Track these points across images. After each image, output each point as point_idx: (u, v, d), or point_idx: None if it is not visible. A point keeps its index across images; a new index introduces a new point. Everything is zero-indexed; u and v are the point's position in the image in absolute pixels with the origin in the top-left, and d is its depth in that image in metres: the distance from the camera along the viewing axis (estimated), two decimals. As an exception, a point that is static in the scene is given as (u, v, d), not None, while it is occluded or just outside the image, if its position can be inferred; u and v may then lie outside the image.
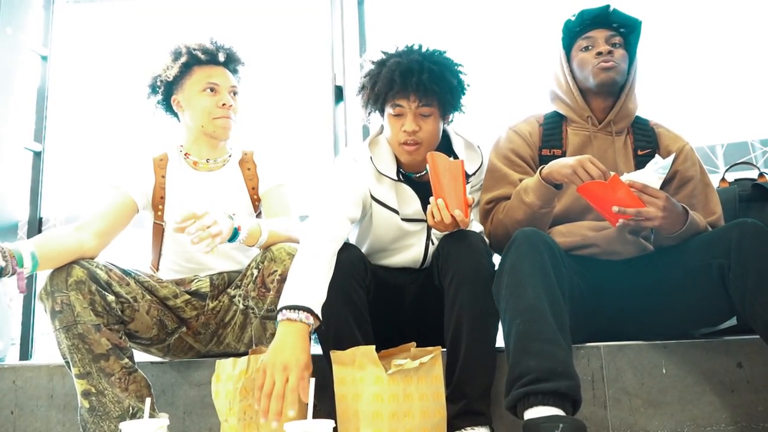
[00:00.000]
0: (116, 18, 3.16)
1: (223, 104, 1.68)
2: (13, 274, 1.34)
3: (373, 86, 1.55)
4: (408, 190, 1.62)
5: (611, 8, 1.59)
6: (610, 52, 1.57)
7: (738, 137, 2.20)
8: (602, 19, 1.61)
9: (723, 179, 1.85)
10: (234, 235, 1.43)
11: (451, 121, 1.66)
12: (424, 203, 1.60)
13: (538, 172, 1.48)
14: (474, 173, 1.66)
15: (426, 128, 1.54)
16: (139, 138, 2.92)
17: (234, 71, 1.77)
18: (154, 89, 1.75)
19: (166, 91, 1.74)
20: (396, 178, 1.60)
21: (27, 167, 2.93)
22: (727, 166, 1.94)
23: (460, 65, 1.57)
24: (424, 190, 1.58)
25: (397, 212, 1.62)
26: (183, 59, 1.69)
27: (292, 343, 1.25)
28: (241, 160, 1.78)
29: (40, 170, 2.93)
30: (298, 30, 2.87)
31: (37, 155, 2.94)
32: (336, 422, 1.39)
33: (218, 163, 1.76)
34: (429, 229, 1.65)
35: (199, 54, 1.69)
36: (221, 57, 1.71)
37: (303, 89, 2.81)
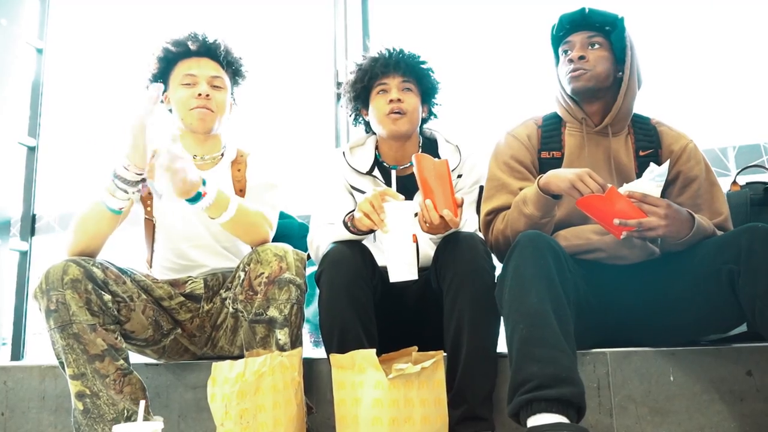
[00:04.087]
0: (114, 10, 3.12)
1: (199, 94, 1.63)
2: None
3: (360, 70, 1.72)
4: (382, 184, 1.67)
5: (587, 10, 1.53)
6: (581, 58, 1.53)
7: (750, 139, 2.16)
8: (580, 22, 1.56)
9: (734, 182, 1.79)
10: (197, 196, 1.38)
11: (428, 119, 1.78)
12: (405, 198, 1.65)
13: (536, 182, 1.44)
14: (453, 169, 1.66)
15: (408, 101, 1.67)
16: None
17: (226, 63, 1.71)
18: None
19: None
20: (365, 172, 1.69)
21: (20, 162, 2.90)
22: (739, 169, 1.90)
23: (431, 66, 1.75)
24: (402, 186, 1.57)
25: None
26: (158, 54, 1.68)
27: None
28: (235, 160, 1.72)
29: (34, 166, 2.91)
30: (302, 27, 2.85)
31: (31, 150, 2.91)
32: (335, 427, 1.37)
33: (207, 160, 1.70)
34: None
35: (171, 47, 1.67)
36: (192, 46, 1.66)
37: (306, 87, 2.79)
